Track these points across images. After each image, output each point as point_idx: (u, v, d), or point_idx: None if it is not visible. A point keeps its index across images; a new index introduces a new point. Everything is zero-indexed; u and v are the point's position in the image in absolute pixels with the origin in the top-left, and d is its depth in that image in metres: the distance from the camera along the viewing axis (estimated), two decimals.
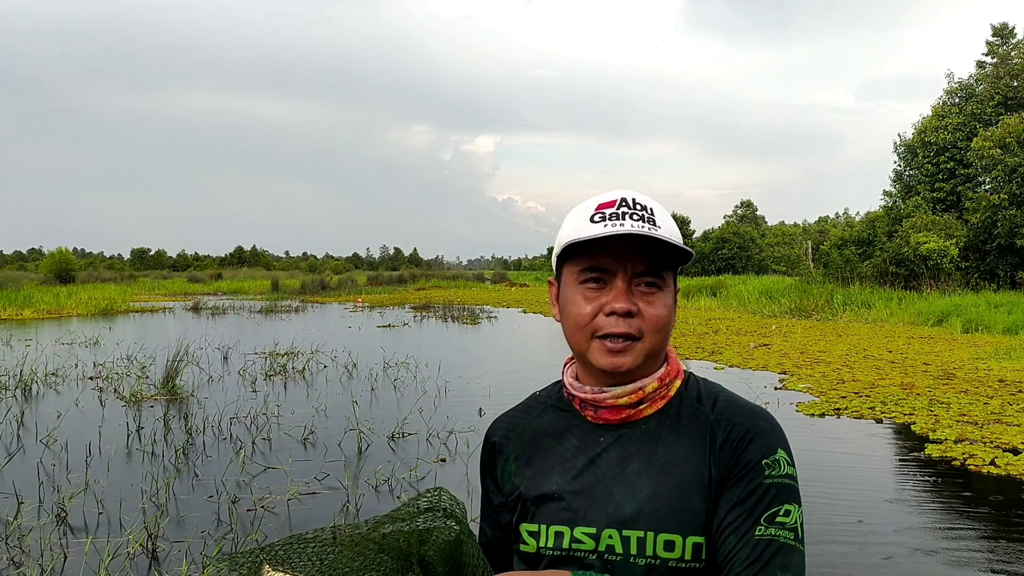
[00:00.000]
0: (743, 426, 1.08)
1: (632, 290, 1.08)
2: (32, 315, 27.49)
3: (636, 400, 1.10)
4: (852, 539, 4.89)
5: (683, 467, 1.07)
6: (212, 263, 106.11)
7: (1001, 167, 25.66)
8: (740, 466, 1.05)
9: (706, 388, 1.15)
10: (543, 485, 1.13)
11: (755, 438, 1.06)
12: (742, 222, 66.60)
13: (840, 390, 10.15)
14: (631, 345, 1.07)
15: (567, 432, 1.16)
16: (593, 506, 1.08)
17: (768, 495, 1.03)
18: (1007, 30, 30.65)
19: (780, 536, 1.02)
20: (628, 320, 1.07)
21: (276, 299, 39.50)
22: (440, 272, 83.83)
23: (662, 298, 1.09)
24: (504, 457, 1.21)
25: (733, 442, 1.06)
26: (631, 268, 1.07)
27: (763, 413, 1.11)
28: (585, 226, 1.07)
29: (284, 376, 12.17)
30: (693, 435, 1.09)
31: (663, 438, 1.09)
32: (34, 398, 10.40)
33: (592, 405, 1.13)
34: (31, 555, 4.70)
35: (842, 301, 23.97)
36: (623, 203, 1.08)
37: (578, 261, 1.10)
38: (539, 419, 1.21)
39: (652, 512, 1.05)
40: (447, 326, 23.01)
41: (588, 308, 1.09)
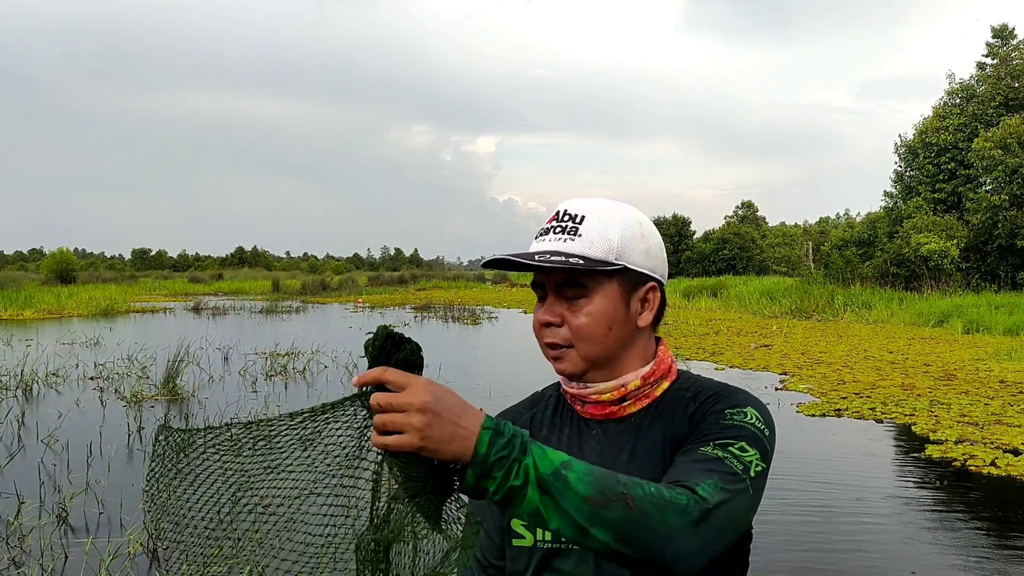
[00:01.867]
0: (713, 391, 1.11)
1: (560, 300, 1.11)
2: (33, 315, 27.51)
3: (618, 396, 1.13)
4: (853, 539, 4.89)
5: (663, 452, 1.09)
6: (213, 263, 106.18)
7: (1002, 168, 25.67)
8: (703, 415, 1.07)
9: (695, 380, 1.17)
10: None
11: (723, 398, 1.09)
12: (743, 223, 66.60)
13: (841, 391, 10.15)
14: (566, 352, 1.11)
15: (562, 426, 1.19)
16: None
17: (729, 430, 1.03)
18: (1007, 31, 30.67)
19: (726, 459, 0.98)
20: (554, 330, 1.11)
21: (277, 299, 39.52)
22: (441, 272, 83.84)
23: (586, 306, 1.10)
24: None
25: (702, 409, 1.08)
26: (554, 279, 1.10)
27: (742, 390, 1.13)
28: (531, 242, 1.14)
29: (285, 376, 12.17)
30: (673, 420, 1.11)
31: (647, 432, 1.12)
32: (35, 398, 10.41)
33: (580, 400, 1.16)
34: (32, 555, 4.71)
35: (843, 302, 23.97)
36: (555, 216, 1.12)
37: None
38: (539, 413, 1.24)
39: None
40: (448, 326, 23.02)
41: (536, 319, 1.14)
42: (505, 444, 0.87)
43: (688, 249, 58.41)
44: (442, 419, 0.87)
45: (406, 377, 0.90)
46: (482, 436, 0.87)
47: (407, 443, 0.88)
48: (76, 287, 41.33)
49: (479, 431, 0.87)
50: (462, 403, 0.90)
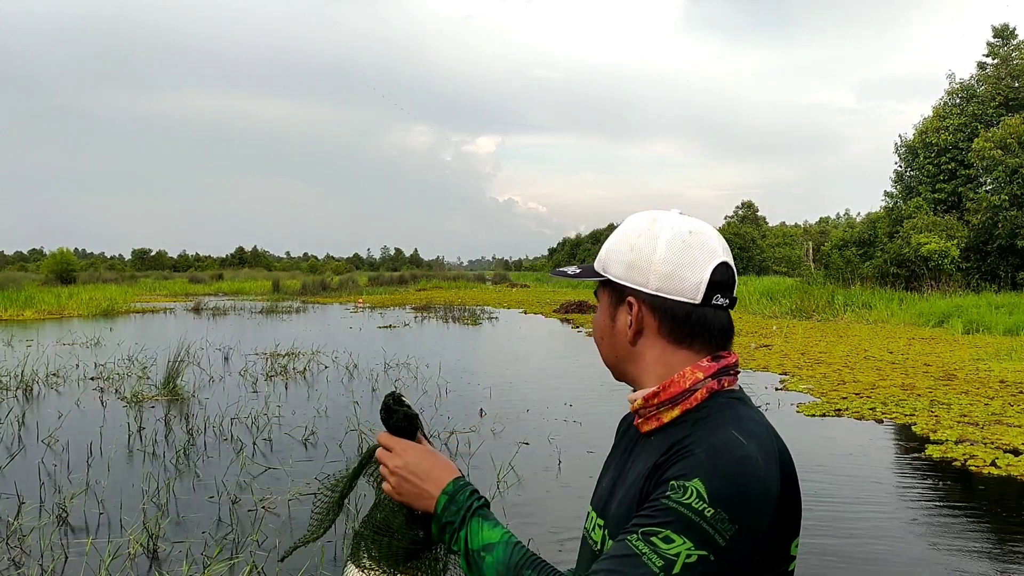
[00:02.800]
0: (683, 447, 1.01)
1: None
2: (33, 316, 27.51)
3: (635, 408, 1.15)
4: (853, 539, 4.89)
5: (636, 478, 1.08)
6: (213, 264, 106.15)
7: (1002, 168, 25.66)
8: (656, 482, 1.01)
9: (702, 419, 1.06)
10: (601, 473, 1.25)
11: (680, 460, 0.99)
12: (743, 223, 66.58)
13: (841, 391, 10.14)
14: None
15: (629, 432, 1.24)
16: (603, 497, 1.17)
17: (659, 515, 0.95)
18: (1008, 31, 30.66)
19: (645, 555, 0.94)
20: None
21: (277, 300, 39.51)
22: (441, 273, 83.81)
23: (596, 317, 1.21)
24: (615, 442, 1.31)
25: (665, 459, 1.02)
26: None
27: (718, 444, 1.00)
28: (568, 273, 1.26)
29: (285, 377, 12.17)
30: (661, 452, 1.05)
31: (651, 451, 1.10)
32: (35, 398, 10.41)
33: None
34: (32, 555, 4.71)
35: (843, 302, 23.96)
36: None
37: None
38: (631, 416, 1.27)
39: (612, 514, 1.10)
40: (448, 327, 23.02)
41: None
42: (455, 511, 1.09)
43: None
44: (410, 481, 1.11)
45: (393, 442, 1.14)
46: (439, 499, 1.10)
47: (390, 492, 1.14)
48: (76, 287, 41.32)
49: (438, 495, 1.10)
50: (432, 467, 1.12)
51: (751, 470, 0.97)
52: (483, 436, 7.90)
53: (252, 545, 4.85)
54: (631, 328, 1.13)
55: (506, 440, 7.68)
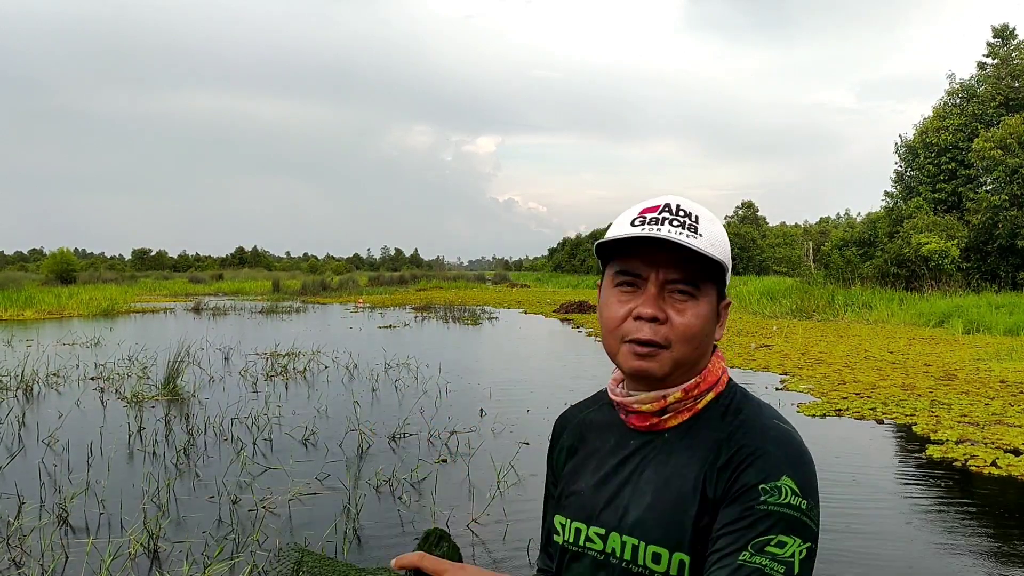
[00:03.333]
0: (749, 447, 1.01)
1: (664, 297, 1.05)
2: (33, 316, 27.50)
3: (659, 408, 1.08)
4: (853, 539, 4.89)
5: (682, 481, 1.04)
6: (213, 264, 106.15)
7: (1002, 168, 25.66)
8: (735, 489, 0.99)
9: (738, 403, 1.09)
10: (577, 480, 1.16)
11: (756, 461, 0.99)
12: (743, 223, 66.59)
13: (841, 391, 10.14)
14: (658, 352, 1.05)
15: (609, 431, 1.17)
16: (608, 508, 1.09)
17: (762, 522, 0.95)
18: (1007, 31, 30.66)
19: (767, 567, 0.93)
20: (655, 326, 1.04)
21: (277, 300, 39.50)
22: (441, 273, 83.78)
23: (695, 308, 1.05)
24: (559, 447, 1.24)
25: (734, 463, 1.01)
26: (663, 274, 1.05)
27: (779, 436, 1.03)
28: (624, 229, 1.06)
29: (285, 377, 12.17)
30: (704, 452, 1.05)
31: (679, 450, 1.07)
32: (35, 399, 10.41)
33: (624, 408, 1.13)
34: (32, 555, 4.70)
35: (843, 302, 23.96)
36: (666, 208, 1.06)
37: (615, 264, 1.09)
38: (594, 414, 1.22)
39: (647, 522, 1.04)
40: (448, 327, 23.01)
41: (620, 311, 1.07)
42: None
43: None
44: None
45: (439, 564, 1.02)
46: None
47: None
48: (76, 287, 41.33)
49: None
50: None
51: (808, 452, 1.04)
52: (483, 436, 7.90)
53: (252, 545, 4.85)
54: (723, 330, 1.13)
55: (506, 440, 7.68)
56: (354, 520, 5.29)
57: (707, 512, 1.01)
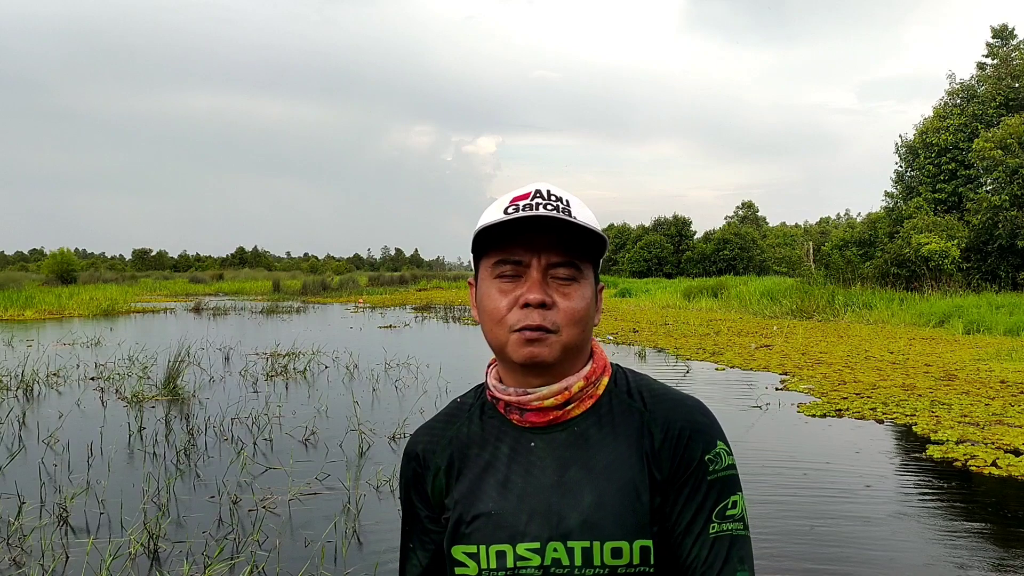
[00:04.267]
0: (679, 423, 1.05)
1: (548, 282, 1.04)
2: (34, 316, 27.51)
3: (563, 401, 1.06)
4: (853, 540, 4.89)
5: (622, 471, 1.03)
6: (213, 264, 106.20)
7: (1002, 168, 25.65)
8: (684, 466, 1.04)
9: (635, 382, 1.12)
10: (477, 501, 1.07)
11: (694, 435, 1.05)
12: (743, 223, 66.61)
13: (841, 391, 10.14)
14: (547, 337, 1.02)
15: (496, 440, 1.10)
16: (534, 520, 1.03)
17: (714, 490, 1.03)
18: (1007, 31, 30.66)
19: (732, 529, 1.03)
20: (543, 312, 1.02)
21: (277, 300, 39.53)
22: (441, 273, 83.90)
23: (579, 290, 1.05)
24: (432, 472, 1.13)
25: (672, 441, 1.04)
26: (545, 258, 1.03)
27: (697, 405, 1.09)
28: (499, 216, 1.04)
29: (285, 377, 12.17)
30: (629, 435, 1.05)
31: (597, 441, 1.06)
32: (36, 398, 10.41)
33: (517, 408, 1.07)
34: (32, 555, 4.71)
35: (843, 302, 23.95)
36: (537, 194, 1.04)
37: (492, 254, 1.06)
38: (465, 427, 1.14)
39: (596, 521, 1.01)
40: (448, 327, 23.02)
41: (503, 302, 1.04)
42: None
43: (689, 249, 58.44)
44: None
45: None
46: None
47: None
48: (77, 287, 41.37)
49: None
50: None
51: None
52: None
53: (253, 545, 4.85)
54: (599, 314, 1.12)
55: None
56: (354, 520, 5.30)
57: (658, 493, 1.04)
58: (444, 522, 1.11)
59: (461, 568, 1.06)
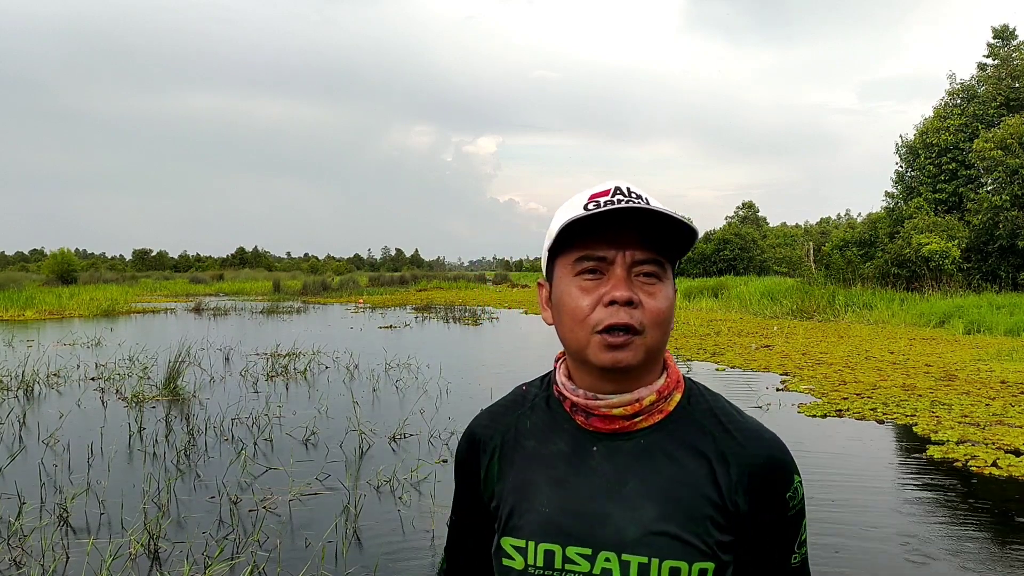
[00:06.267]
0: (760, 459, 1.02)
1: (632, 280, 0.99)
2: (34, 316, 27.51)
3: (632, 412, 1.02)
4: (853, 540, 4.89)
5: (690, 493, 1.00)
6: (214, 264, 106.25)
7: (1003, 168, 25.65)
8: (764, 504, 1.02)
9: (711, 403, 1.08)
10: (531, 496, 1.05)
11: (775, 473, 1.02)
12: (743, 223, 66.57)
13: (842, 391, 10.14)
14: (632, 340, 0.98)
15: (555, 435, 1.07)
16: (588, 525, 1.01)
17: (793, 525, 1.05)
18: (1007, 31, 30.65)
19: (804, 552, 1.08)
20: (630, 310, 0.98)
21: (278, 300, 39.52)
22: (441, 273, 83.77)
23: (663, 289, 1.01)
24: (488, 456, 1.11)
25: (754, 479, 1.01)
26: (631, 255, 0.99)
27: (775, 440, 1.05)
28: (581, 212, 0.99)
29: (286, 377, 12.17)
30: (700, 459, 1.02)
31: (664, 458, 1.03)
32: (36, 399, 10.41)
33: (583, 411, 1.05)
34: (33, 555, 4.70)
35: (844, 302, 23.94)
36: (617, 191, 1.01)
37: (572, 252, 1.02)
38: (526, 418, 1.11)
39: (658, 538, 0.98)
40: (449, 327, 23.01)
41: (586, 300, 0.99)
42: None
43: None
44: None
45: None
46: None
47: None
48: (77, 288, 41.38)
49: None
50: None
51: None
52: None
53: (253, 545, 4.85)
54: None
55: None
56: (354, 520, 5.30)
57: (730, 524, 1.01)
58: (493, 509, 1.09)
59: (508, 560, 1.04)
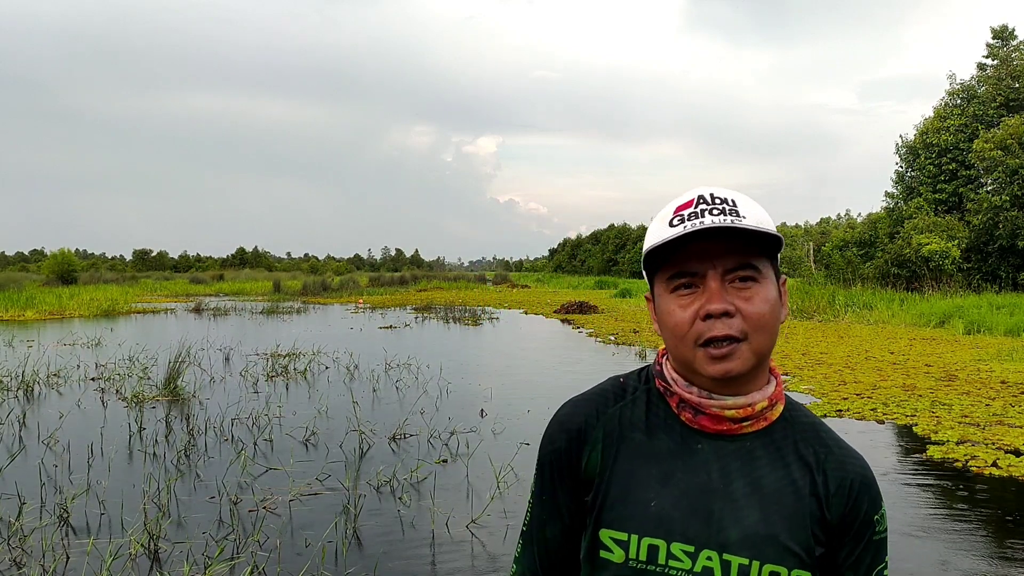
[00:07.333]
0: (852, 475, 1.06)
1: (727, 288, 1.00)
2: (34, 316, 27.51)
3: (742, 416, 1.03)
4: None
5: (792, 499, 1.03)
6: (214, 264, 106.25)
7: (1002, 169, 25.65)
8: (853, 518, 1.04)
9: (809, 419, 1.11)
10: (637, 488, 1.04)
11: (865, 491, 1.06)
12: None
13: (842, 391, 10.14)
14: (736, 348, 0.99)
15: (660, 430, 1.07)
16: (693, 521, 1.01)
17: (877, 551, 1.06)
18: (1007, 32, 30.64)
19: None
20: (727, 321, 0.99)
21: (278, 300, 39.51)
22: (441, 273, 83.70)
23: (761, 292, 1.01)
24: (590, 446, 1.08)
25: (846, 491, 1.04)
26: (720, 265, 1.00)
27: (865, 464, 1.09)
28: (664, 232, 1.01)
29: (286, 377, 12.17)
30: (801, 469, 1.05)
31: (767, 463, 1.04)
32: (36, 399, 10.41)
33: (693, 408, 1.05)
34: (33, 556, 4.71)
35: (844, 302, 23.94)
36: (700, 200, 1.01)
37: (666, 269, 1.03)
38: (629, 409, 1.10)
39: (760, 541, 1.00)
40: (449, 327, 23.01)
41: (684, 315, 1.01)
42: None
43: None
44: None
45: None
46: None
47: None
48: (77, 288, 41.36)
49: None
50: None
51: None
52: (483, 436, 7.90)
53: (253, 546, 4.85)
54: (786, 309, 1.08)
55: (506, 440, 7.68)
56: (354, 520, 5.30)
57: (826, 533, 1.04)
58: (587, 500, 1.07)
59: (606, 552, 1.03)
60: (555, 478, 1.11)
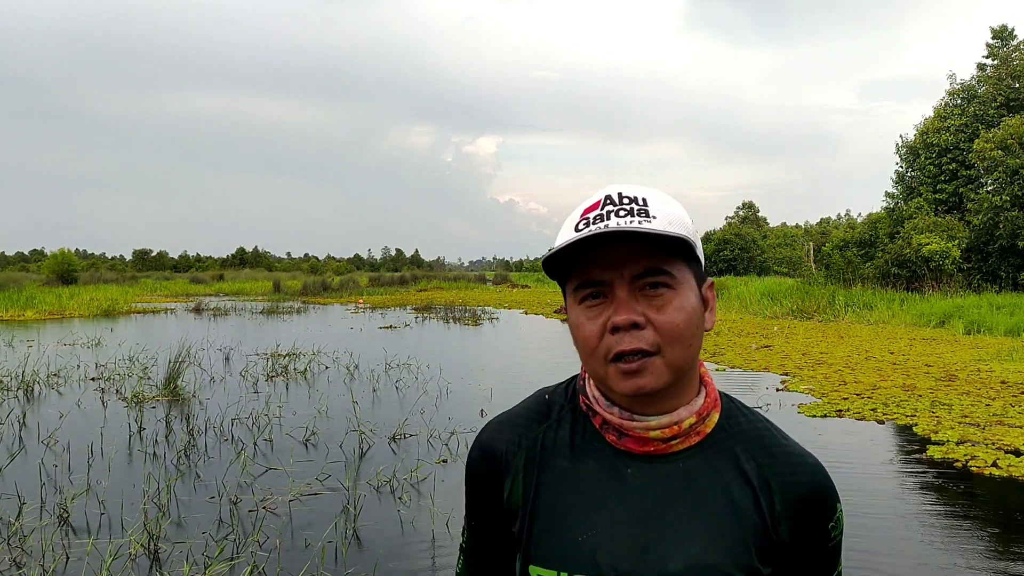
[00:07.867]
0: (804, 487, 0.97)
1: (637, 297, 0.91)
2: (34, 316, 27.51)
3: (669, 435, 0.95)
4: (853, 541, 4.88)
5: (734, 522, 0.94)
6: (214, 264, 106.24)
7: (1003, 169, 25.65)
8: (806, 534, 0.97)
9: (750, 424, 1.01)
10: (564, 521, 0.96)
11: (819, 502, 0.97)
12: (744, 223, 66.57)
13: (842, 391, 10.14)
14: (648, 362, 0.90)
15: (586, 454, 0.99)
16: (627, 555, 0.92)
17: (833, 557, 1.02)
18: (1007, 32, 30.64)
19: None
20: (637, 333, 0.90)
21: (278, 300, 39.52)
22: (441, 273, 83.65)
23: (675, 299, 0.91)
24: (511, 475, 1.01)
25: (798, 508, 0.96)
26: (628, 272, 0.90)
27: (818, 466, 0.99)
28: (569, 236, 0.91)
29: (286, 377, 12.17)
30: (743, 485, 0.96)
31: (705, 484, 0.96)
32: (36, 399, 10.41)
33: (616, 430, 0.97)
34: (33, 556, 4.71)
35: (844, 302, 23.94)
36: (607, 201, 0.92)
37: (572, 279, 0.94)
38: (553, 432, 1.02)
39: (702, 571, 0.91)
40: (449, 327, 23.01)
41: (593, 328, 0.92)
42: None
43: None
44: None
45: None
46: None
47: None
48: (77, 288, 41.37)
49: None
50: None
51: None
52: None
53: (253, 546, 4.85)
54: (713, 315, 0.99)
55: None
56: (354, 520, 5.29)
57: (775, 552, 0.96)
58: (516, 531, 1.00)
59: None
60: (480, 506, 1.06)
